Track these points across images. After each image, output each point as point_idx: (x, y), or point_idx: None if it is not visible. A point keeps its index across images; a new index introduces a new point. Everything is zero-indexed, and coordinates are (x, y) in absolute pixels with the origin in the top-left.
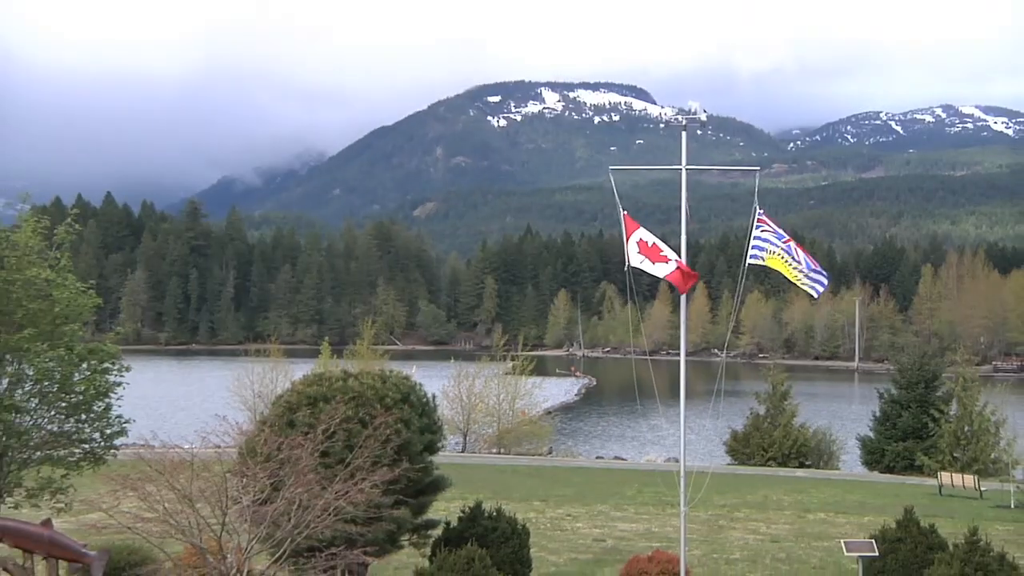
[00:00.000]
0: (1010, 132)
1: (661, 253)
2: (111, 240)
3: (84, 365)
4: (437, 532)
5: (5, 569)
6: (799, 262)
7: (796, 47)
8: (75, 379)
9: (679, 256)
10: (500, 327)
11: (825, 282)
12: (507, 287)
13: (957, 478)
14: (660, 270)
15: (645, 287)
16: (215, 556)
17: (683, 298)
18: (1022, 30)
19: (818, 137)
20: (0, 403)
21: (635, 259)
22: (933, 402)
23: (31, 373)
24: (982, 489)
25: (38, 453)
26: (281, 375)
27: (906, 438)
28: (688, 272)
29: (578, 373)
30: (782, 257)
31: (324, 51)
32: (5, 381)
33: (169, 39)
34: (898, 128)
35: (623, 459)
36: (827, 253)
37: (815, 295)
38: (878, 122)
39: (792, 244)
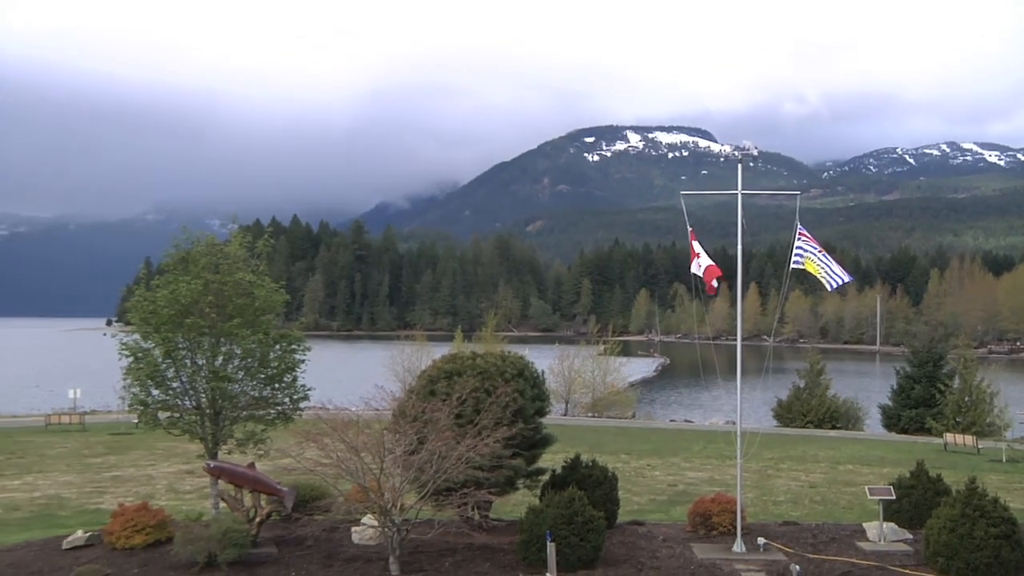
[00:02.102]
0: (1002, 163)
1: (701, 255)
2: (296, 251)
3: (277, 346)
4: (545, 477)
5: (223, 499)
6: (828, 265)
7: (828, 97)
8: (270, 357)
9: (738, 261)
10: (594, 318)
11: (844, 281)
12: (599, 287)
13: (959, 438)
14: (702, 268)
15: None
16: (375, 493)
17: (739, 294)
18: (1012, 83)
19: (846, 168)
20: (216, 374)
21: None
22: (940, 377)
23: (239, 352)
24: (979, 447)
25: (244, 413)
26: (424, 355)
27: (918, 406)
28: (714, 271)
29: (655, 354)
30: (815, 262)
31: (459, 105)
32: (220, 358)
33: (341, 96)
34: (911, 160)
35: (691, 422)
36: (854, 260)
37: (829, 288)
38: (895, 155)
39: (823, 252)
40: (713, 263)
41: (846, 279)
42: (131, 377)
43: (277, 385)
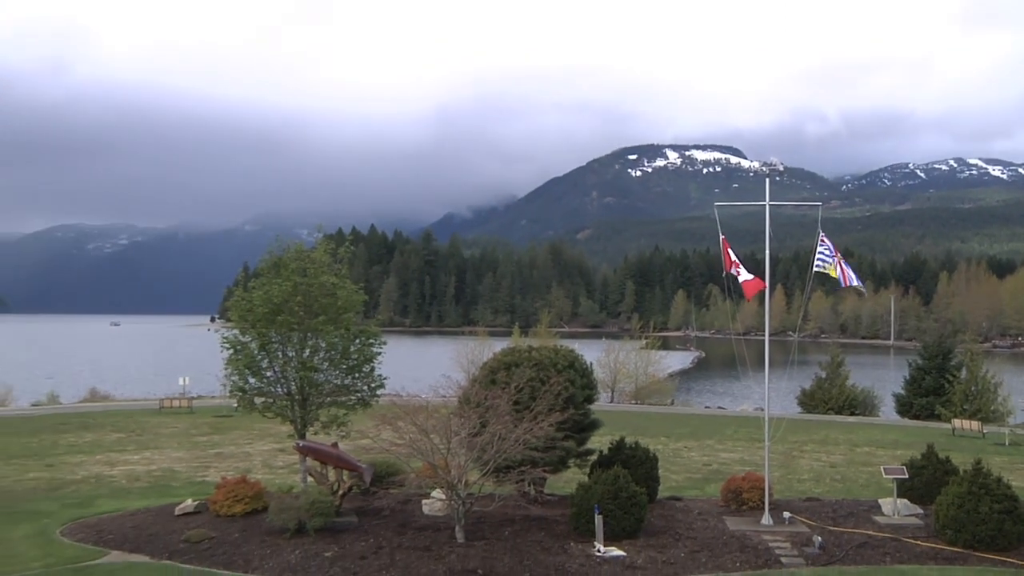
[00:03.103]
0: (1004, 177)
1: (740, 267)
2: (373, 256)
3: (357, 340)
4: (593, 457)
5: (310, 474)
6: (843, 269)
7: (847, 117)
8: (351, 350)
9: (765, 265)
10: (636, 316)
11: (853, 283)
12: (641, 288)
13: (966, 423)
14: (742, 279)
15: (739, 287)
16: (443, 470)
17: (767, 294)
18: (1013, 105)
19: (863, 181)
20: (304, 365)
21: (732, 265)
22: (948, 369)
23: (324, 345)
24: (984, 432)
25: (328, 399)
26: (486, 348)
27: (928, 394)
28: (756, 285)
29: (691, 348)
30: (834, 266)
31: (516, 126)
32: (308, 350)
33: (413, 118)
34: (922, 174)
35: (723, 408)
36: (871, 264)
37: (842, 285)
38: (907, 170)
39: (842, 260)
40: (754, 278)
41: (855, 283)
42: (231, 367)
43: (357, 375)
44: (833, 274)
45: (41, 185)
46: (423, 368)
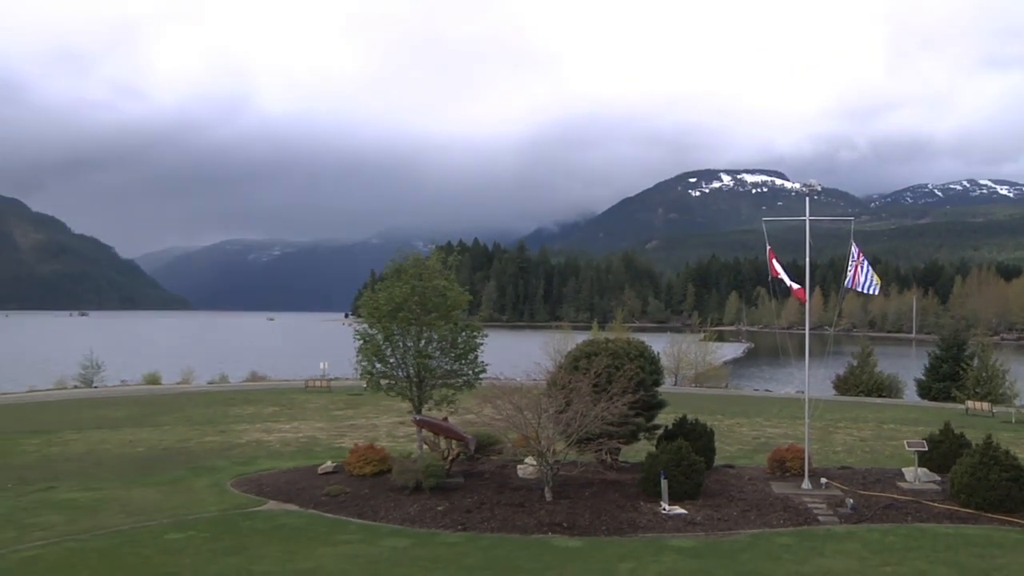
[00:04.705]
0: (1011, 195)
1: (784, 273)
2: (476, 264)
3: (463, 333)
4: (660, 431)
5: (425, 443)
6: (857, 273)
7: (874, 145)
8: (458, 341)
9: (806, 272)
10: (696, 313)
11: (875, 289)
12: (700, 290)
13: (977, 404)
14: (791, 285)
15: (784, 288)
16: (534, 441)
17: (807, 295)
18: (1017, 134)
19: (889, 199)
20: (420, 353)
21: (777, 273)
22: (962, 358)
23: (436, 337)
24: (993, 411)
25: (440, 381)
26: (569, 340)
27: (945, 380)
28: (800, 293)
29: (743, 340)
30: (861, 272)
31: (596, 154)
32: (423, 341)
33: (509, 146)
34: (939, 193)
35: (770, 391)
36: (895, 269)
37: (859, 290)
38: (926, 190)
39: (868, 265)
40: (799, 287)
41: (875, 290)
42: (361, 354)
43: (463, 361)
44: (859, 280)
45: (214, 208)
46: (518, 356)
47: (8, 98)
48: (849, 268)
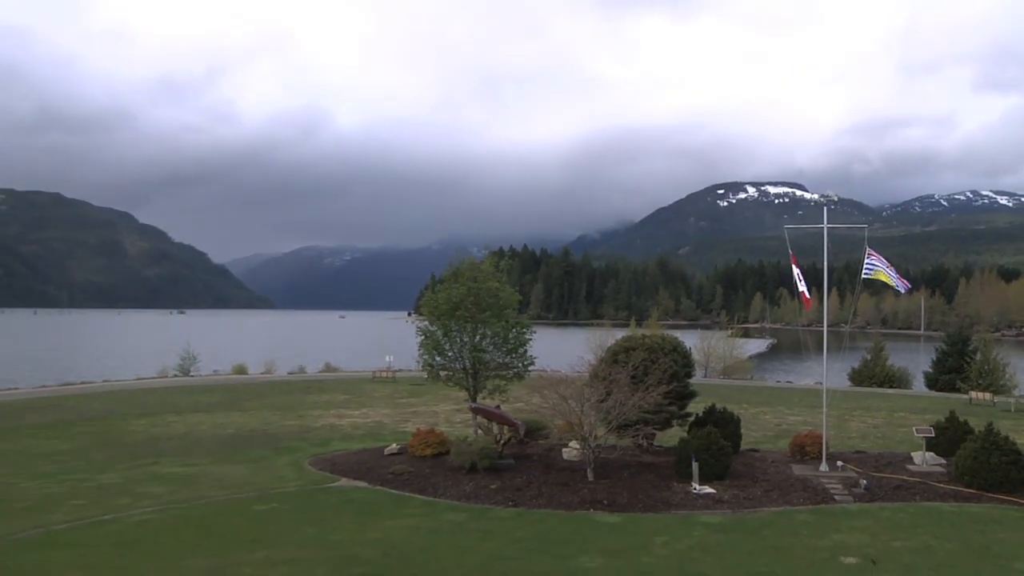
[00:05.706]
0: (1010, 205)
1: (801, 280)
2: (525, 268)
3: (513, 330)
4: (691, 418)
5: (480, 428)
6: (894, 274)
7: (886, 159)
8: (509, 336)
9: (824, 275)
10: (724, 312)
11: (908, 285)
12: (728, 291)
13: (980, 395)
14: (801, 290)
15: (801, 295)
16: (578, 427)
17: (825, 295)
18: (1016, 149)
19: (899, 208)
20: (475, 348)
21: (797, 276)
22: (966, 353)
23: (489, 333)
24: (995, 401)
25: (493, 373)
26: (609, 336)
27: (950, 372)
28: (807, 299)
29: (766, 336)
30: (886, 273)
31: (633, 168)
32: (478, 337)
33: (555, 161)
34: (945, 203)
35: (791, 382)
36: (905, 272)
37: (902, 291)
38: (933, 200)
39: (890, 266)
40: (807, 297)
41: (902, 288)
42: (423, 349)
43: (514, 355)
44: (886, 279)
45: (293, 218)
46: (563, 351)
47: (120, 125)
48: (865, 269)
